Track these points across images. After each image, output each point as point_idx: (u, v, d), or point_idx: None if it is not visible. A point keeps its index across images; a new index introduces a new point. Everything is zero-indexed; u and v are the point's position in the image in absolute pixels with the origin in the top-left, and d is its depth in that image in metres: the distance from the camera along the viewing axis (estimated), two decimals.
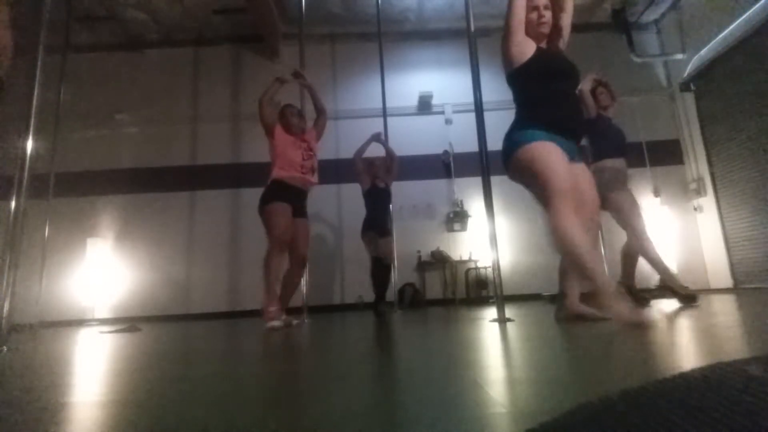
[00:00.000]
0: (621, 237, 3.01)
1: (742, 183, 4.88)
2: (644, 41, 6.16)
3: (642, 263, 2.99)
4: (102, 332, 3.18)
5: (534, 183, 1.79)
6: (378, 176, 4.21)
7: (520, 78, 1.97)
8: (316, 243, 5.16)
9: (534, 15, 1.94)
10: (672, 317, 1.90)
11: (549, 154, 1.80)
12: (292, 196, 2.92)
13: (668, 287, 2.86)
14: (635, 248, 2.94)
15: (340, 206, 5.60)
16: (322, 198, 3.37)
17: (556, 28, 1.98)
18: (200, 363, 1.23)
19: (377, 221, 4.11)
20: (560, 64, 1.95)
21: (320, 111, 3.12)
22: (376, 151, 4.48)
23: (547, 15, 1.95)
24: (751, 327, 1.33)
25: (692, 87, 5.52)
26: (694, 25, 5.46)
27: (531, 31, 1.97)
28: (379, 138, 4.32)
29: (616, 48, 6.03)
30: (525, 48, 1.94)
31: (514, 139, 1.89)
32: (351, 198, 4.81)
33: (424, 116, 5.94)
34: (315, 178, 3.05)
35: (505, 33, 1.98)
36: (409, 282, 5.16)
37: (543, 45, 1.99)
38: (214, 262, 5.48)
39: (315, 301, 4.18)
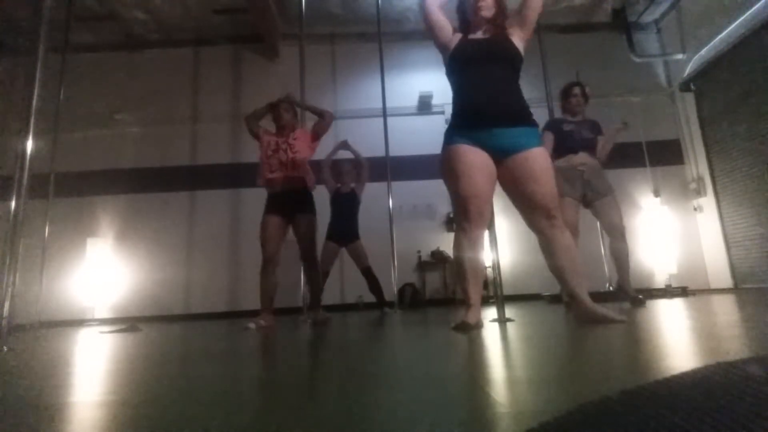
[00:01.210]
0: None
1: (742, 183, 4.88)
2: (644, 41, 6.16)
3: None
4: (102, 332, 3.18)
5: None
6: (343, 181, 4.24)
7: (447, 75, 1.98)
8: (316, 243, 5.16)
9: None
10: (661, 317, 1.90)
11: (452, 161, 1.86)
12: (278, 201, 2.93)
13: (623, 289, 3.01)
14: (618, 249, 3.01)
15: None
16: (320, 198, 3.38)
17: (502, 14, 1.92)
18: (200, 363, 1.23)
19: (339, 228, 4.19)
20: (479, 49, 1.87)
21: (320, 116, 3.11)
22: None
23: (488, 1, 1.89)
24: (751, 327, 1.33)
25: (692, 87, 5.52)
26: (694, 25, 5.46)
27: (471, 16, 1.93)
28: (346, 145, 4.31)
29: (616, 48, 6.03)
30: (451, 44, 1.95)
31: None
32: None
33: (424, 116, 5.93)
34: (295, 172, 2.93)
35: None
36: (409, 282, 5.16)
37: (479, 33, 1.93)
38: (214, 262, 5.49)
39: None
